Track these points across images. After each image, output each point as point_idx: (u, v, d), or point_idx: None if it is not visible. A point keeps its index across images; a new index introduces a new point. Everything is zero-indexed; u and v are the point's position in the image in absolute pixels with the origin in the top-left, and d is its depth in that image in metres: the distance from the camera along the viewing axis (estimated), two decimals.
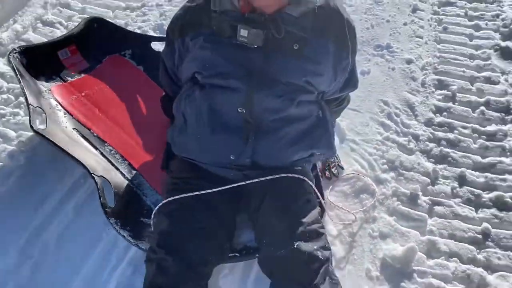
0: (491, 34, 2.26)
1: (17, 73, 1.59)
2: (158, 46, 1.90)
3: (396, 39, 2.23)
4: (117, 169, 1.53)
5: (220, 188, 1.26)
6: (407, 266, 1.45)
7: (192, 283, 1.16)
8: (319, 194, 1.36)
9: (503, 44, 2.19)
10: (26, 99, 1.54)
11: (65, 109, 1.67)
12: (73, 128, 1.61)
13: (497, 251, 1.51)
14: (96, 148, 1.57)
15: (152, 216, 1.28)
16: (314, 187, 1.34)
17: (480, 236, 1.54)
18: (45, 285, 1.38)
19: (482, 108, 1.92)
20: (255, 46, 1.20)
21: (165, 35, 1.42)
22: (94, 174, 1.39)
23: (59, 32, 2.21)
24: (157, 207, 1.27)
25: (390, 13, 2.37)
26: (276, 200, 1.27)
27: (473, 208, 1.62)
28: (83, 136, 1.60)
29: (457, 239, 1.54)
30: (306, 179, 1.31)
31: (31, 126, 1.49)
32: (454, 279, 1.44)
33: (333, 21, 1.25)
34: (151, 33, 2.20)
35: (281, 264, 1.18)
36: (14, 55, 1.66)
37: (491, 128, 1.86)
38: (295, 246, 1.15)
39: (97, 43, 1.88)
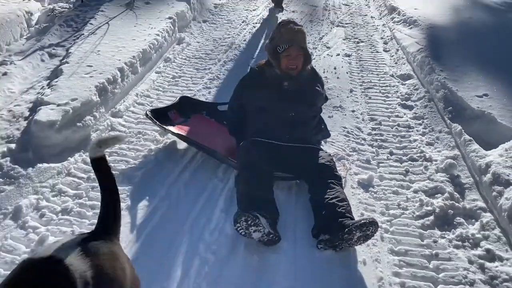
0: (395, 99, 4.03)
1: (153, 120, 3.05)
2: (222, 108, 3.41)
3: (344, 103, 3.91)
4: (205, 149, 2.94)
5: (280, 143, 2.71)
6: (370, 183, 2.86)
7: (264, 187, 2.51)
8: (331, 155, 2.84)
9: (402, 102, 3.94)
10: (162, 127, 3.01)
11: (179, 134, 3.08)
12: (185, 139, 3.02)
13: (414, 176, 2.96)
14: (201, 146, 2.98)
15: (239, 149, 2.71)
16: (328, 152, 2.84)
17: (404, 171, 3.00)
18: (179, 210, 2.59)
19: (396, 127, 3.55)
20: (291, 90, 2.80)
21: (218, 103, 3.30)
22: (211, 148, 2.84)
23: (147, 107, 3.68)
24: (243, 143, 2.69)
25: (337, 93, 4.11)
26: (310, 151, 2.73)
27: (399, 163, 3.10)
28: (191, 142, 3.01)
29: (393, 174, 2.99)
30: (323, 149, 2.83)
31: (172, 132, 2.92)
32: (394, 186, 2.85)
33: (316, 74, 2.94)
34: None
35: (315, 173, 2.58)
36: (148, 112, 3.12)
37: (402, 133, 3.45)
38: (323, 163, 2.60)
39: (186, 108, 3.38)
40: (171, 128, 3.13)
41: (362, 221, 2.19)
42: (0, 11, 4.97)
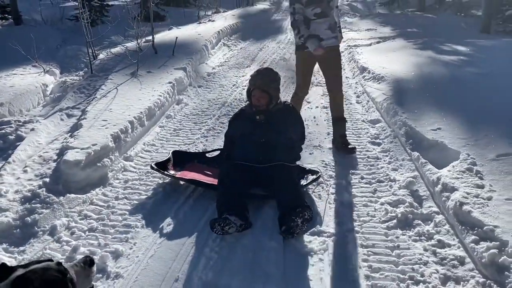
0: (366, 138, 4.68)
1: (159, 171, 3.65)
2: (210, 155, 4.05)
3: (322, 143, 4.56)
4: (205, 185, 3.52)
5: (254, 164, 3.35)
6: (344, 200, 3.43)
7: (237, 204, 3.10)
8: (301, 168, 3.47)
9: (371, 140, 4.60)
10: (167, 175, 3.61)
11: (181, 178, 3.67)
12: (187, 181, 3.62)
13: (381, 193, 3.53)
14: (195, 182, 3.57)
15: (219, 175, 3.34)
16: (296, 165, 3.47)
17: (373, 190, 3.57)
18: (186, 226, 3.20)
19: (366, 159, 4.17)
20: (263, 121, 3.51)
21: (207, 151, 4.02)
22: (207, 184, 3.44)
23: (153, 154, 4.30)
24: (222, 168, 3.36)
25: (317, 136, 4.77)
26: (283, 171, 3.34)
27: (369, 185, 3.68)
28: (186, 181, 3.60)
29: (363, 192, 3.55)
30: (291, 165, 3.46)
31: (175, 178, 3.53)
32: (364, 201, 3.41)
33: (289, 109, 3.66)
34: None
35: (283, 196, 3.18)
36: (152, 164, 3.73)
37: (371, 163, 4.07)
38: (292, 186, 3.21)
39: (179, 160, 3.97)
40: (175, 175, 3.72)
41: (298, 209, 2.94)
42: (20, 83, 5.74)
